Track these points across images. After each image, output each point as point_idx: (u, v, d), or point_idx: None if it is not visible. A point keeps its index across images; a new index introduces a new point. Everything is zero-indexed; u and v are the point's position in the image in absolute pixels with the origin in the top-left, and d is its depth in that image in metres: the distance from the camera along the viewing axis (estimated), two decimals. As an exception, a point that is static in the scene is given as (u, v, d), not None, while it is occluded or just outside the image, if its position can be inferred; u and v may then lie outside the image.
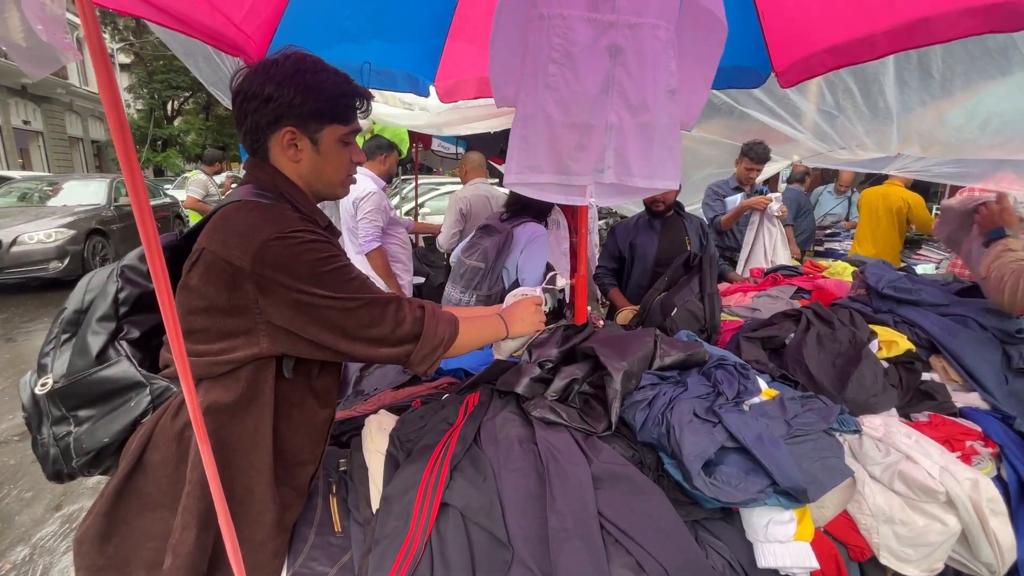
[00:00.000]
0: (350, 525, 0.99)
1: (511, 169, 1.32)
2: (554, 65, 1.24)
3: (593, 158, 1.29)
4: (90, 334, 0.93)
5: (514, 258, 1.97)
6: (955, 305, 1.51)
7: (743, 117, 2.90)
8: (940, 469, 1.03)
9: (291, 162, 0.95)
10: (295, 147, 0.94)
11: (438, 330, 0.95)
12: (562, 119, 1.29)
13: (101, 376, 0.91)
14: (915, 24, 1.71)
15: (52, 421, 0.91)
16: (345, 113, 0.96)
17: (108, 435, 0.90)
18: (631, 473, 0.94)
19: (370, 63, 2.23)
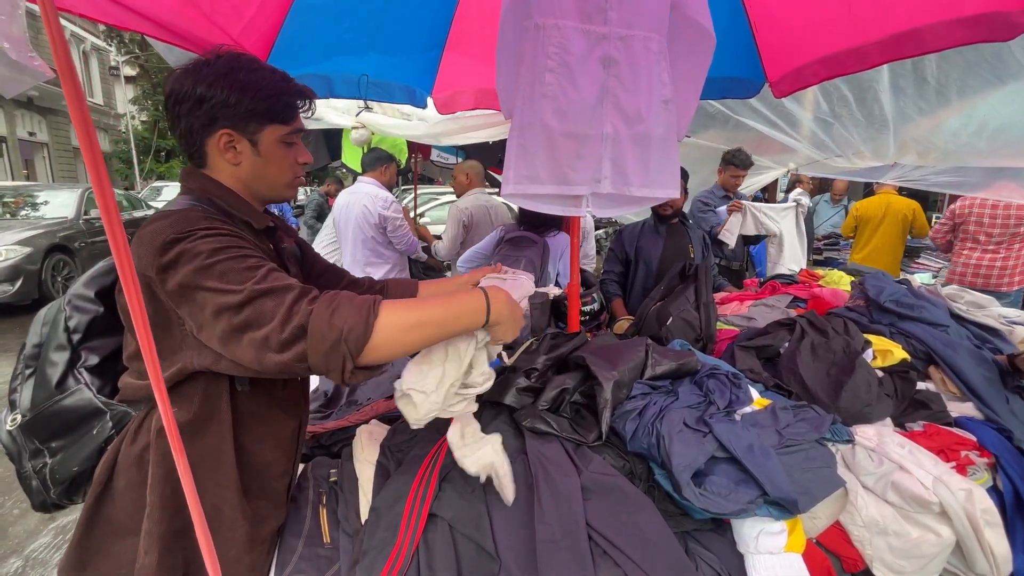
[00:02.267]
0: (339, 536, 0.98)
1: (509, 179, 1.32)
2: (550, 74, 1.25)
3: (591, 168, 1.30)
4: (48, 366, 0.91)
5: (554, 266, 2.03)
6: (956, 328, 1.51)
7: (739, 126, 2.92)
8: (934, 479, 1.02)
9: (230, 165, 0.91)
10: (233, 150, 0.90)
11: (333, 320, 0.74)
12: (560, 128, 1.29)
13: (62, 406, 0.90)
14: (905, 35, 1.72)
15: (30, 454, 0.91)
16: (285, 112, 0.92)
17: (77, 463, 0.90)
18: (621, 484, 0.94)
19: (368, 75, 2.26)
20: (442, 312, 0.82)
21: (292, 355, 0.74)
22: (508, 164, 1.29)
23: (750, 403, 1.13)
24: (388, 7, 1.98)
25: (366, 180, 2.99)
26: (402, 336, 0.78)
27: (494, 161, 4.23)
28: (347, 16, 1.94)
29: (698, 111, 2.95)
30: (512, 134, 1.29)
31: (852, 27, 1.86)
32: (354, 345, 0.74)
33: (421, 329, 0.80)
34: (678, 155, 1.36)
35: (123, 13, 1.25)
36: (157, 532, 0.82)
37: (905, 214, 4.25)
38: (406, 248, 3.04)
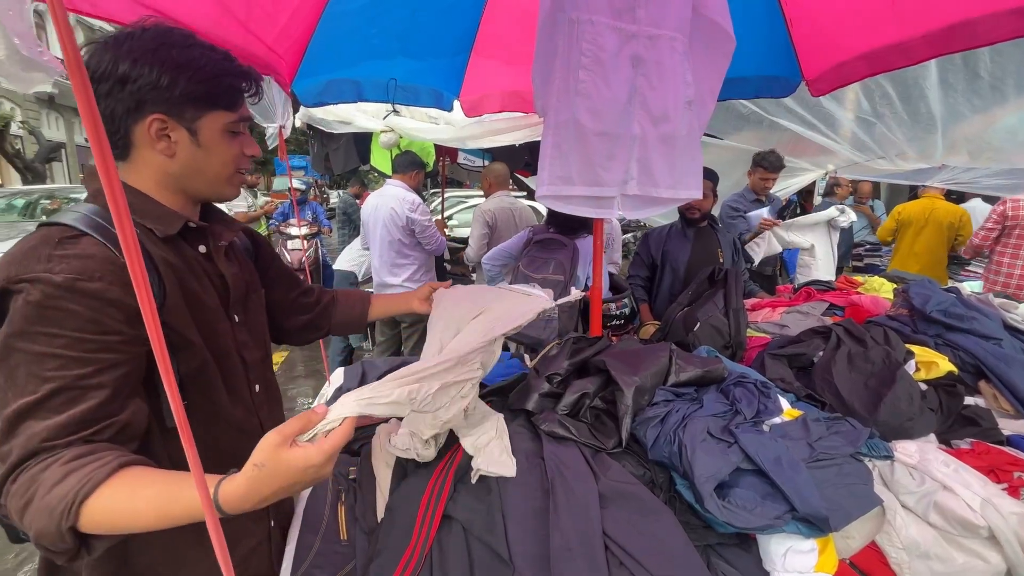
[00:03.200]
0: (356, 533, 0.99)
1: (543, 180, 1.27)
2: (584, 71, 1.21)
3: (621, 168, 1.26)
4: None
5: (583, 270, 2.03)
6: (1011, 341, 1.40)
7: (773, 127, 2.82)
8: (982, 501, 0.95)
9: (161, 156, 0.78)
10: (167, 139, 0.77)
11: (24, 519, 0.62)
12: (593, 127, 1.26)
13: None
14: (956, 27, 1.62)
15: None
16: (230, 97, 0.80)
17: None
18: (640, 492, 0.91)
19: (396, 80, 2.29)
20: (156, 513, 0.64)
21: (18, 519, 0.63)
22: (542, 164, 1.24)
23: (779, 414, 1.08)
24: (416, 13, 2.00)
25: (395, 183, 3.05)
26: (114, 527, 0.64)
27: (520, 164, 4.23)
28: (376, 22, 1.97)
29: (730, 112, 2.89)
30: (546, 132, 1.26)
31: (896, 21, 1.77)
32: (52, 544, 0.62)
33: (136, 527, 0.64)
34: (701, 156, 1.31)
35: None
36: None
37: (951, 221, 4.02)
38: (435, 248, 3.09)
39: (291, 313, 1.20)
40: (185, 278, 0.81)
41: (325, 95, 2.10)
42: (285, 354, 4.87)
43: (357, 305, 1.30)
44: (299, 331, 1.24)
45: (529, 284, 1.13)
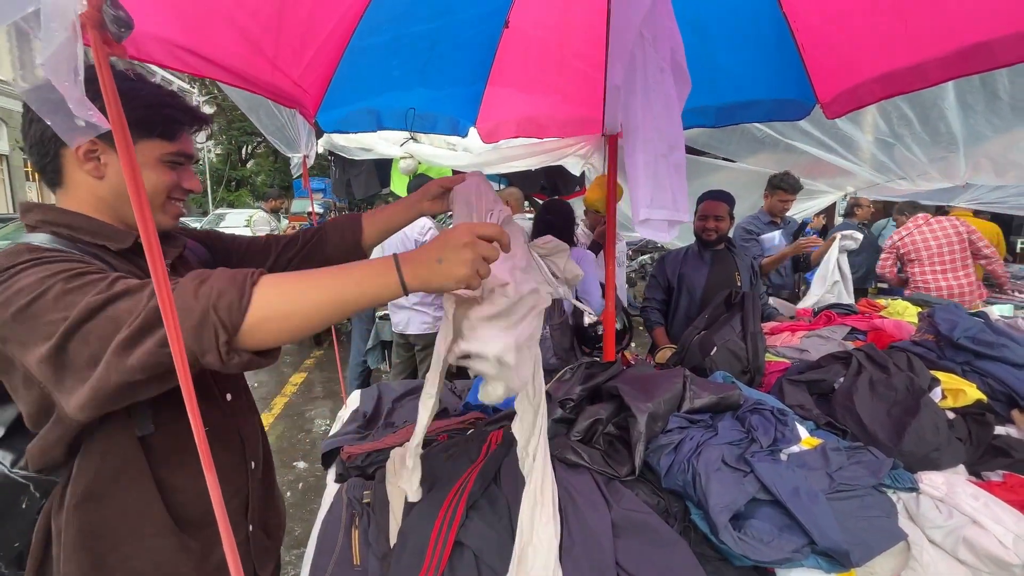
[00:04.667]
0: (369, 557, 0.99)
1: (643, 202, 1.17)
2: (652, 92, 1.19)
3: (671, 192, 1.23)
4: None
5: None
6: None
7: (790, 149, 2.81)
8: (1015, 537, 0.91)
9: (90, 178, 0.78)
10: (96, 160, 0.77)
11: (200, 290, 0.63)
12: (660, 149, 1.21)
13: None
14: (972, 49, 1.61)
15: None
16: (168, 127, 0.81)
17: (18, 539, 0.83)
18: (653, 522, 0.90)
19: (415, 109, 2.37)
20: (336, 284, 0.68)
21: (153, 342, 0.61)
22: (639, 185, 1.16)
23: (797, 442, 1.05)
24: (435, 46, 2.08)
25: None
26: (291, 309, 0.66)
27: (536, 188, 4.29)
28: (397, 55, 2.05)
29: (746, 135, 2.90)
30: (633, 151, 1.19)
31: (911, 43, 1.77)
32: (226, 314, 0.62)
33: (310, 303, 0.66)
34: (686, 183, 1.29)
35: (199, 62, 1.38)
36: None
37: (989, 238, 3.91)
38: None
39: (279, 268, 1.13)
40: None
41: (346, 124, 2.19)
42: (304, 375, 4.94)
43: (347, 232, 1.16)
44: None
45: None
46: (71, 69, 0.35)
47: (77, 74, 0.36)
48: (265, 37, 1.56)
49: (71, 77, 0.35)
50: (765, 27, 2.01)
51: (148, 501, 0.80)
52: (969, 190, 3.58)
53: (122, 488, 0.79)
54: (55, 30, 0.34)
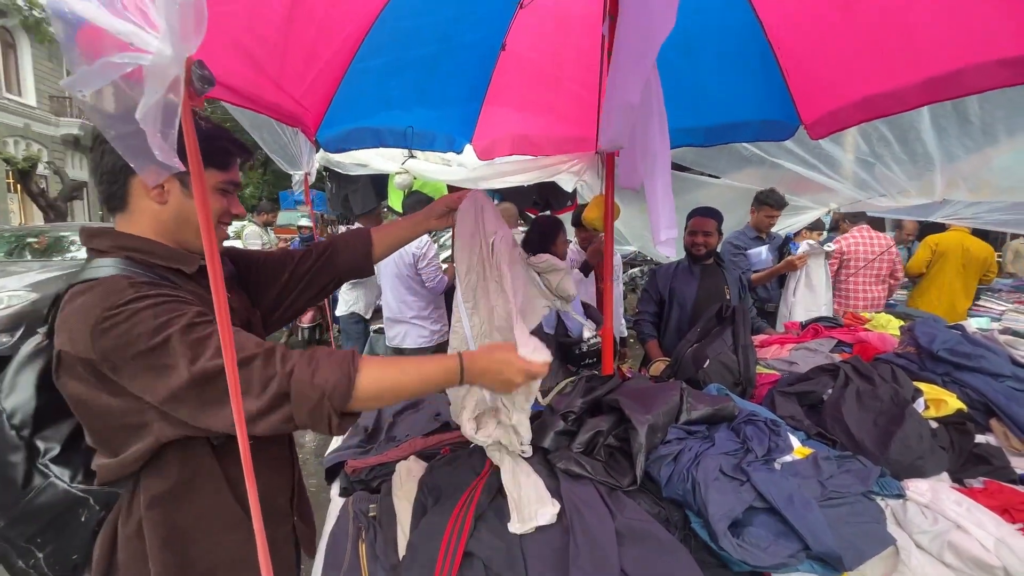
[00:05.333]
0: (377, 570, 1.01)
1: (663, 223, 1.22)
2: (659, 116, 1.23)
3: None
4: (8, 469, 0.86)
5: None
6: (1018, 379, 1.42)
7: (776, 167, 2.91)
8: (996, 541, 0.96)
9: (154, 205, 0.86)
10: (160, 188, 0.84)
11: (315, 380, 0.76)
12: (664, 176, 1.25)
13: (36, 505, 0.86)
14: (944, 77, 1.71)
15: (17, 554, 0.89)
16: (222, 158, 0.90)
17: (75, 551, 0.89)
18: (656, 530, 0.93)
19: (413, 127, 2.42)
20: (417, 377, 0.88)
21: (278, 418, 0.76)
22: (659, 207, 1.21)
23: (790, 452, 1.10)
24: (433, 68, 2.14)
25: None
26: (380, 395, 0.84)
27: (529, 203, 4.35)
28: (396, 77, 2.11)
29: (732, 153, 2.99)
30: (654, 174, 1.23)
31: (886, 71, 1.87)
32: (339, 402, 0.78)
33: (397, 390, 0.86)
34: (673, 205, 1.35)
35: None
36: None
37: (986, 256, 4.03)
38: (434, 285, 3.14)
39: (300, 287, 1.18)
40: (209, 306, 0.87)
41: (347, 142, 2.23)
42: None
43: (358, 246, 1.22)
44: (314, 297, 1.22)
45: None
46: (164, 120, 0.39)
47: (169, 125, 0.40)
48: (270, 60, 1.61)
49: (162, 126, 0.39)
50: (751, 52, 2.11)
51: (222, 499, 0.89)
52: (946, 206, 3.71)
53: (198, 489, 0.87)
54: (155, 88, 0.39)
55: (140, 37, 0.40)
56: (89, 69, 0.38)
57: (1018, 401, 1.33)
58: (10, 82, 16.61)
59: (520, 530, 0.94)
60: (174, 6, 0.39)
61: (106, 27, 0.38)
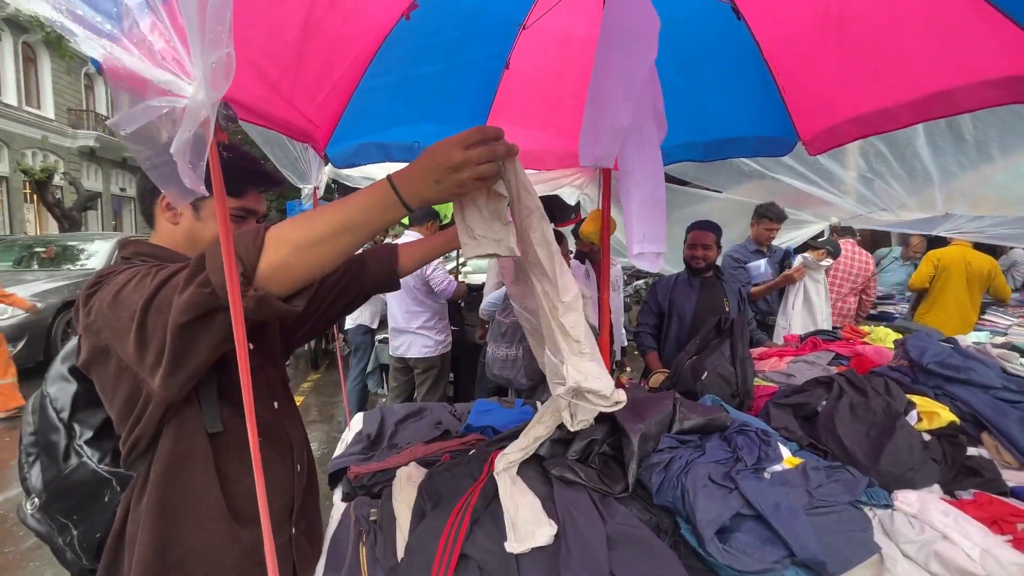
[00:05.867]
0: (376, 573, 1.04)
1: (636, 237, 1.28)
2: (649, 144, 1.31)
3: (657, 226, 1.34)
4: (49, 447, 0.98)
5: None
6: (1008, 390, 1.44)
7: (776, 181, 2.96)
8: (981, 551, 0.97)
9: (169, 224, 0.97)
10: (173, 210, 0.96)
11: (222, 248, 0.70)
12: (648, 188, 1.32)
13: (71, 482, 0.97)
14: (936, 96, 1.76)
15: (57, 531, 0.98)
16: (235, 187, 0.95)
17: (99, 530, 0.97)
18: (645, 536, 0.96)
19: (419, 142, 2.49)
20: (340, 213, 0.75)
21: (194, 287, 0.72)
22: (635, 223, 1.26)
23: (780, 461, 1.13)
24: (439, 86, 2.22)
25: (411, 233, 3.23)
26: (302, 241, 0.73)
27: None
28: (403, 94, 2.18)
29: (732, 168, 3.04)
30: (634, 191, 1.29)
31: (881, 89, 1.92)
32: (246, 254, 0.70)
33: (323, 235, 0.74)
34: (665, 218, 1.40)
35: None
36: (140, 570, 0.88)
37: (990, 269, 4.04)
38: (444, 291, 3.18)
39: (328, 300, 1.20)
40: None
41: (355, 158, 2.30)
42: (301, 399, 4.95)
43: (385, 261, 1.24)
44: (341, 311, 1.26)
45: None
46: (194, 154, 0.45)
47: (198, 158, 0.46)
48: (283, 79, 1.68)
49: (193, 160, 0.45)
50: (748, 70, 2.16)
51: (208, 487, 0.91)
52: (949, 220, 3.73)
53: (188, 472, 0.90)
54: (190, 126, 0.45)
55: (176, 85, 0.46)
56: (132, 111, 0.45)
57: (1006, 414, 1.35)
58: (30, 95, 17.07)
59: (517, 549, 0.94)
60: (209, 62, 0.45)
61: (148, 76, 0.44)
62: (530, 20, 2.05)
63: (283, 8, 1.45)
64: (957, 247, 4.16)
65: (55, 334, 5.49)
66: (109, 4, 0.44)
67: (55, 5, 0.41)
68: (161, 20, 0.46)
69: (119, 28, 0.44)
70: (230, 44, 0.46)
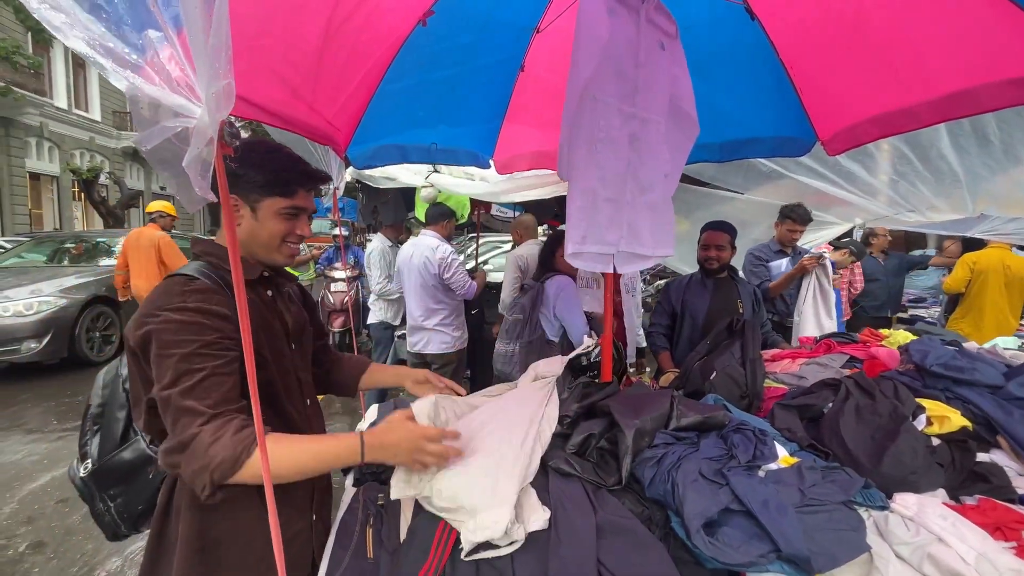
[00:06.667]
0: (381, 553, 1.10)
1: (573, 239, 1.38)
2: (600, 144, 1.40)
3: (618, 230, 1.43)
4: (113, 422, 1.10)
5: (549, 308, 2.17)
6: (1014, 387, 1.41)
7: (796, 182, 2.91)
8: (977, 555, 0.97)
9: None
10: (236, 212, 1.05)
11: (210, 450, 0.85)
12: (603, 194, 1.43)
13: (122, 458, 1.08)
14: (957, 95, 1.72)
15: (99, 497, 1.10)
16: (286, 188, 1.06)
17: (141, 503, 1.09)
18: (635, 527, 0.99)
19: (436, 144, 2.57)
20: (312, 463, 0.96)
21: (168, 462, 0.88)
22: (573, 225, 1.36)
23: (775, 460, 1.14)
24: (456, 88, 2.28)
25: (428, 232, 3.31)
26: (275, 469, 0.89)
27: (550, 214, 4.45)
28: (420, 97, 2.25)
29: (750, 169, 3.01)
30: (574, 196, 1.38)
31: (901, 89, 1.88)
32: (219, 476, 0.85)
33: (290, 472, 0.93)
34: (673, 220, 1.46)
35: (248, 108, 1.58)
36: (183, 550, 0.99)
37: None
38: (464, 292, 3.25)
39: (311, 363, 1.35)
40: (262, 312, 1.08)
41: (374, 159, 2.38)
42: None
43: (354, 370, 1.43)
44: None
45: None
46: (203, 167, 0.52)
47: (207, 170, 0.53)
48: (304, 85, 1.77)
49: (202, 172, 0.52)
50: (764, 71, 2.15)
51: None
52: (984, 221, 3.59)
53: None
54: (198, 143, 0.52)
55: (187, 108, 0.53)
56: (151, 131, 0.52)
57: (1011, 414, 1.32)
58: (79, 99, 18.02)
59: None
60: (211, 92, 0.52)
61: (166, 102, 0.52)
62: (543, 24, 2.09)
63: (304, 18, 1.53)
64: (995, 249, 4.00)
65: (79, 330, 5.52)
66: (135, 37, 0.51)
67: (89, 41, 0.48)
68: (176, 51, 0.53)
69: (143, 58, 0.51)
70: (229, 75, 0.53)
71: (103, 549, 2.56)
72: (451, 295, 3.27)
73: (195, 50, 0.50)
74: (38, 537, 2.67)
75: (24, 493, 3.11)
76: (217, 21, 0.48)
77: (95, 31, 0.48)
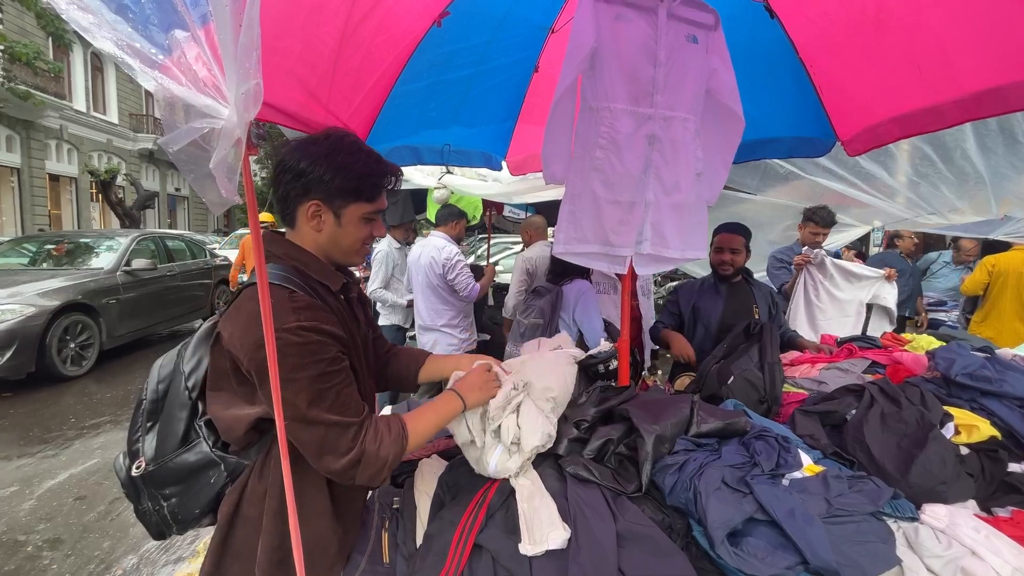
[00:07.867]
0: (397, 557, 1.09)
1: (559, 240, 1.48)
2: (600, 150, 1.42)
3: (634, 231, 1.43)
4: (172, 421, 1.04)
5: (568, 312, 2.14)
6: None
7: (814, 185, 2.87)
8: (1012, 570, 0.94)
9: (312, 231, 1.03)
10: (318, 218, 1.01)
11: (380, 453, 0.96)
12: (607, 197, 1.45)
13: (183, 459, 1.02)
14: (985, 94, 1.68)
15: (148, 497, 1.04)
16: (372, 192, 1.03)
17: (198, 506, 1.04)
18: (655, 535, 0.97)
19: (450, 144, 2.56)
20: (438, 421, 1.12)
21: (346, 477, 0.95)
22: (559, 227, 1.44)
23: (799, 468, 1.11)
24: (469, 90, 2.27)
25: (437, 233, 3.31)
26: (417, 442, 1.04)
27: (563, 216, 4.44)
28: (434, 98, 2.25)
29: (768, 171, 2.97)
30: (564, 200, 1.45)
31: (925, 88, 1.84)
32: (394, 463, 0.98)
33: (428, 433, 1.08)
34: (707, 220, 1.44)
35: (265, 109, 1.58)
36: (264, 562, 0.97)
37: None
38: (467, 293, 3.24)
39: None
40: (345, 317, 1.08)
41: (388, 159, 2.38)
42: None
43: (412, 363, 1.39)
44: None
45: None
46: (230, 168, 0.51)
47: (233, 172, 0.52)
48: (320, 86, 1.77)
49: (228, 173, 0.51)
50: (783, 70, 2.12)
51: (318, 487, 1.02)
52: (1008, 223, 3.51)
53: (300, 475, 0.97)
54: (224, 145, 0.51)
55: (215, 108, 0.52)
56: (177, 132, 0.51)
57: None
58: (97, 102, 18.34)
59: (531, 552, 0.96)
60: (240, 92, 0.51)
61: (193, 102, 0.51)
62: (558, 24, 2.08)
63: (322, 19, 1.53)
64: (1017, 252, 3.90)
65: (50, 340, 4.73)
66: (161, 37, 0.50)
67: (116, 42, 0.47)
68: (204, 50, 0.52)
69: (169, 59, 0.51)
70: (258, 76, 0.52)
71: (120, 547, 2.58)
72: (457, 296, 3.27)
73: (223, 50, 0.50)
74: (55, 534, 2.70)
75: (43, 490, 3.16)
76: (248, 21, 0.48)
77: (122, 31, 0.48)
